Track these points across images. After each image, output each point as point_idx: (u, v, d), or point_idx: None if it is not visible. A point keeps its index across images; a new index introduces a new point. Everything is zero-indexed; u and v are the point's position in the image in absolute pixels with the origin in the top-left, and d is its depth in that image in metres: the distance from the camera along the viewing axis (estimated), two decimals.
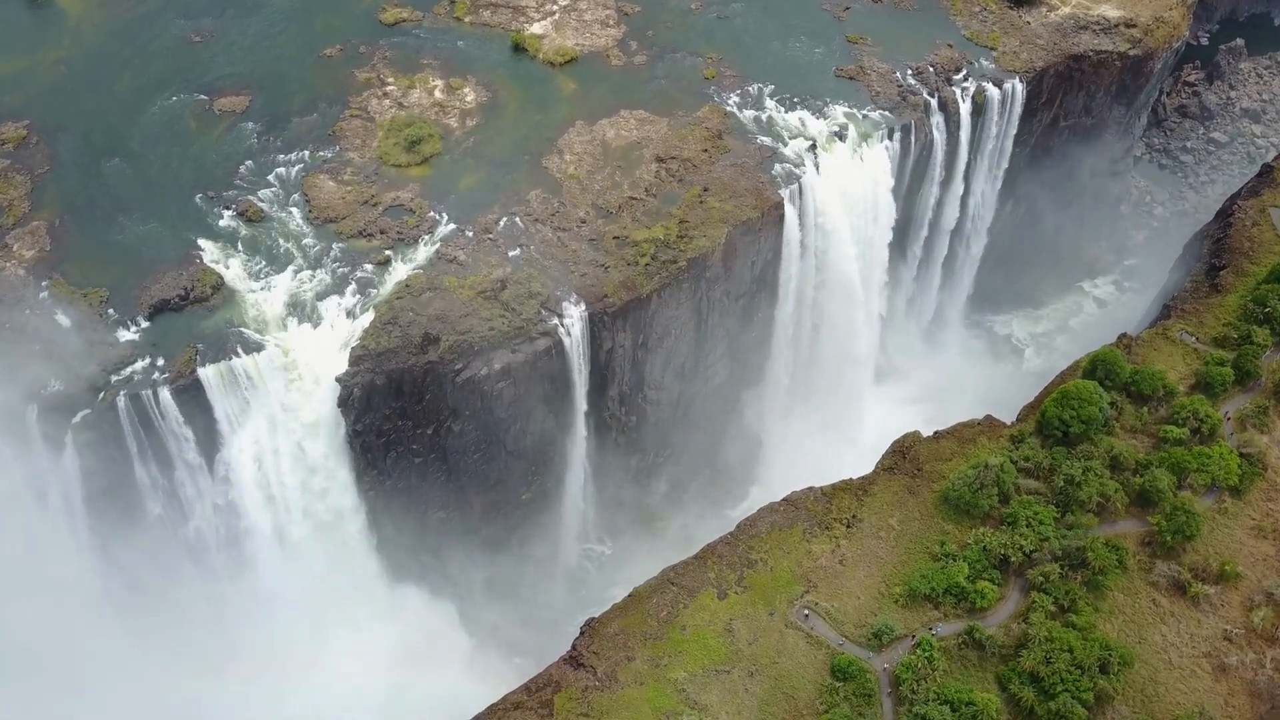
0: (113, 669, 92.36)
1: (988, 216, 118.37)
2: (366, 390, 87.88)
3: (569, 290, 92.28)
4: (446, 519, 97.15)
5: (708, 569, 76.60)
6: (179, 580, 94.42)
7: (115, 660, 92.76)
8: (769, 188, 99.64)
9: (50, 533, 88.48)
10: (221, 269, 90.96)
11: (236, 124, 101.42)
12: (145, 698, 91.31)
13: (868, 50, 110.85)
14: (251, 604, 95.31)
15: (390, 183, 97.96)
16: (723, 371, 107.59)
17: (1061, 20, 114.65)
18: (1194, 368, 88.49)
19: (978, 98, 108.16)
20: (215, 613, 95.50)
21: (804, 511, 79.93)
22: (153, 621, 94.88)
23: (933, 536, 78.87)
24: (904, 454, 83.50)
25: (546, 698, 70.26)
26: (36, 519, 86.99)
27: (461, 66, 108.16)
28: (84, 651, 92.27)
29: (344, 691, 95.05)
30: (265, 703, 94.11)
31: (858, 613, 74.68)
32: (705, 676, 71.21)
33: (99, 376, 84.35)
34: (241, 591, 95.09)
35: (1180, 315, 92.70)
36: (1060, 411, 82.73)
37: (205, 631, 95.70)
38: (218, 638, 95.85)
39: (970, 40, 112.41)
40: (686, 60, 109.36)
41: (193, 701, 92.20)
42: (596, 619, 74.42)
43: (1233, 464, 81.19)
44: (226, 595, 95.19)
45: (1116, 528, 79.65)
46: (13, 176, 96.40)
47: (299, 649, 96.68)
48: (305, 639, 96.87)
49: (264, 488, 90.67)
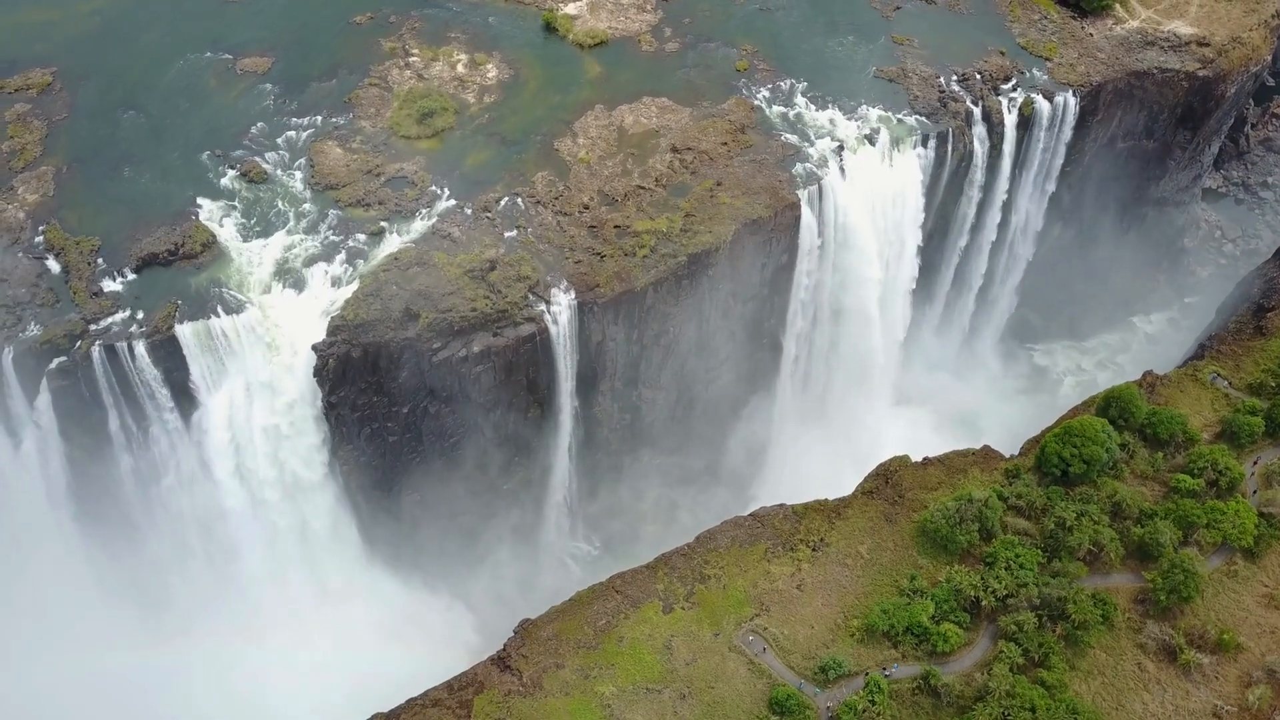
0: (82, 625, 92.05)
1: (1031, 237, 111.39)
2: (342, 361, 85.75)
3: (560, 276, 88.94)
4: (422, 501, 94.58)
5: (657, 579, 72.44)
6: (151, 538, 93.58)
7: (85, 616, 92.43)
8: (786, 187, 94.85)
9: (24, 479, 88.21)
10: (215, 227, 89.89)
11: (256, 85, 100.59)
12: (112, 663, 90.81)
13: (913, 52, 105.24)
14: (220, 568, 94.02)
15: (397, 154, 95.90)
16: (727, 376, 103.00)
17: (1128, 34, 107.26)
18: (1221, 414, 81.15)
19: (1025, 109, 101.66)
20: (185, 574, 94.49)
21: (770, 529, 75.11)
22: (123, 578, 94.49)
23: (904, 569, 73.35)
24: (886, 478, 78.10)
25: (467, 698, 67.00)
26: (10, 462, 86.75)
27: (488, 42, 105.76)
28: (54, 600, 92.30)
29: (309, 662, 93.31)
30: (227, 670, 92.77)
31: (808, 643, 69.61)
32: (634, 694, 67.04)
33: (78, 325, 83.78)
34: (211, 555, 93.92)
35: (1215, 356, 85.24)
36: (1060, 448, 76.33)
37: (174, 592, 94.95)
38: (186, 600, 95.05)
39: (1025, 49, 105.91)
40: (720, 51, 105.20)
41: (152, 666, 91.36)
42: (532, 620, 70.81)
43: (1249, 523, 73.90)
44: (196, 557, 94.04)
45: (1109, 580, 73.11)
46: (30, 121, 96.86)
47: (266, 618, 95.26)
48: (273, 609, 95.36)
49: (236, 453, 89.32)
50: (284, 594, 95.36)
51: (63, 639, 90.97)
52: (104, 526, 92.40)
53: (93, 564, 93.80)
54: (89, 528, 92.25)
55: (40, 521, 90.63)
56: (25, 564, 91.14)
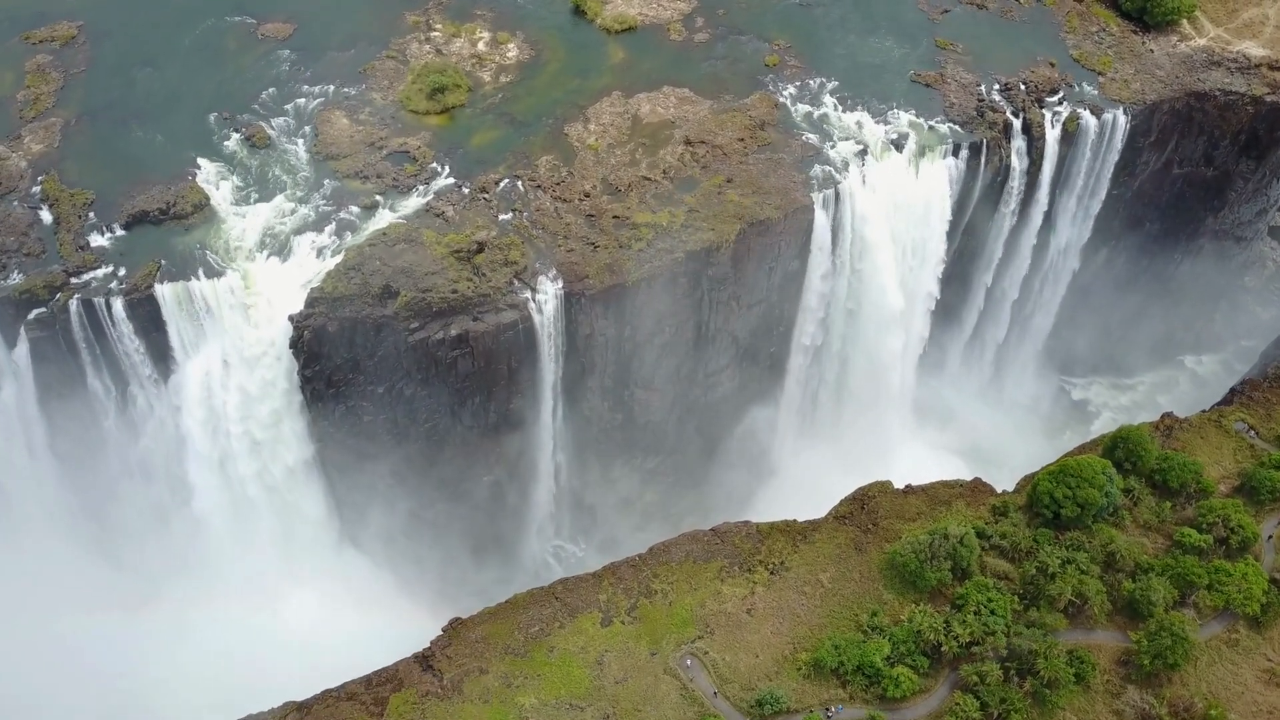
0: (52, 583, 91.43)
1: (1072, 262, 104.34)
2: (318, 334, 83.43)
3: (549, 264, 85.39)
4: (397, 485, 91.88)
5: (601, 589, 68.25)
6: (125, 498, 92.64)
7: (56, 574, 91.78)
8: (801, 189, 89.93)
9: (3, 426, 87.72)
10: (211, 189, 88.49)
11: (274, 50, 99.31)
12: (76, 624, 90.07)
13: (955, 57, 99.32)
14: (191, 535, 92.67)
15: (403, 128, 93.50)
16: (729, 383, 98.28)
17: (1192, 52, 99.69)
18: (1243, 466, 73.88)
19: (1069, 125, 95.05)
20: (156, 538, 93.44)
21: (729, 547, 70.37)
22: (96, 537, 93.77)
23: (866, 603, 67.96)
24: (863, 503, 72.69)
25: (384, 694, 63.77)
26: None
27: (514, 21, 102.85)
28: (29, 553, 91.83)
29: (270, 637, 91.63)
30: (188, 638, 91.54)
31: (750, 673, 64.73)
32: (556, 709, 62.94)
33: (59, 277, 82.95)
34: (183, 521, 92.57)
35: (1245, 403, 77.95)
36: (1053, 487, 70.02)
37: (143, 555, 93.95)
38: (155, 564, 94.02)
39: (1077, 61, 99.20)
40: (751, 44, 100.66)
41: (114, 630, 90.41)
42: (463, 620, 67.19)
43: (1257, 589, 66.87)
44: (168, 521, 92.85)
45: (1091, 637, 66.75)
46: (49, 73, 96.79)
47: (233, 589, 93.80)
48: (240, 580, 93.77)
49: (211, 419, 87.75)
50: (251, 566, 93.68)
51: (33, 596, 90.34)
52: (81, 482, 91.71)
53: (70, 519, 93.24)
54: (67, 482, 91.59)
55: (20, 471, 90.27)
56: (8, 509, 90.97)
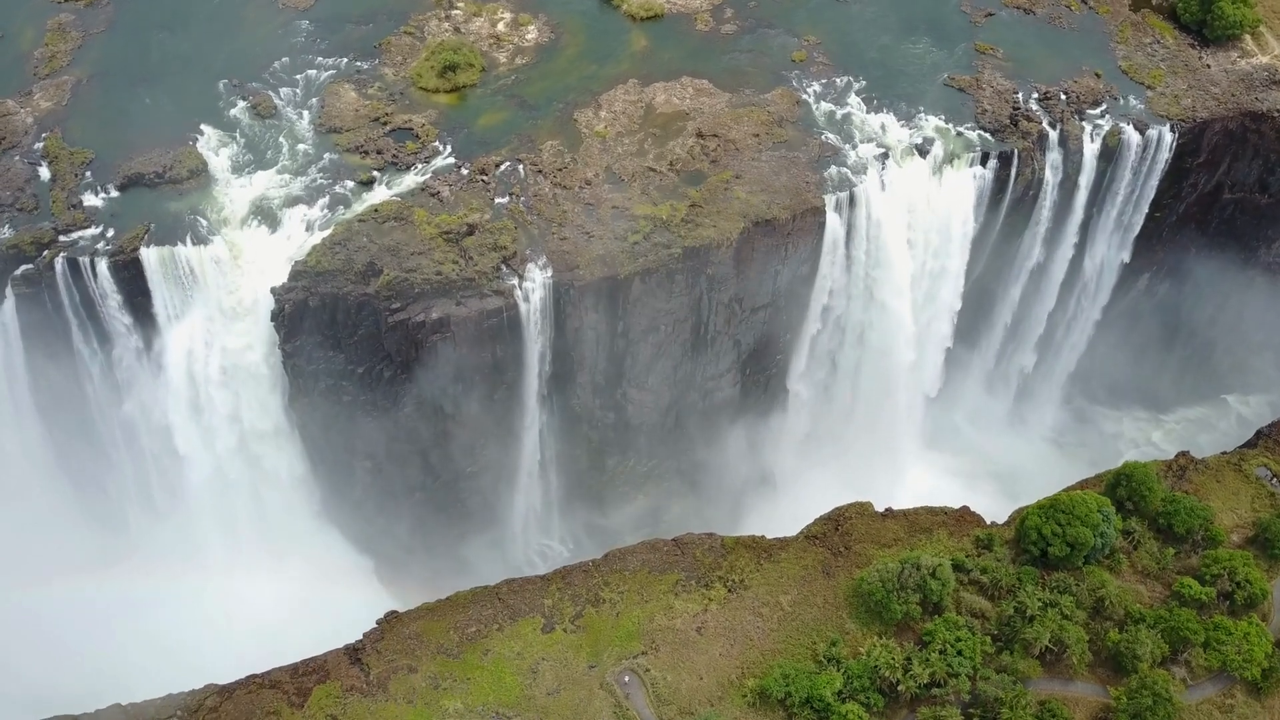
0: (35, 543, 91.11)
1: (1109, 286, 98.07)
2: (299, 309, 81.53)
3: (540, 252, 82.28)
4: (376, 470, 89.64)
5: (548, 594, 64.88)
6: (109, 461, 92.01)
7: (38, 534, 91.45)
8: (813, 190, 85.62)
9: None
10: (210, 155, 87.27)
11: (292, 20, 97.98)
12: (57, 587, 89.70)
13: (994, 62, 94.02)
14: (170, 502, 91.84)
15: (411, 105, 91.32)
16: (728, 389, 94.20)
17: (1253, 69, 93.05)
18: (1259, 516, 67.69)
19: (1110, 140, 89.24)
20: (135, 503, 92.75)
21: (689, 558, 66.50)
22: (77, 498, 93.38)
23: (826, 631, 63.47)
24: (837, 524, 68.22)
25: (308, 685, 61.19)
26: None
27: (538, 4, 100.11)
28: (13, 511, 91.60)
29: (245, 610, 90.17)
30: (161, 605, 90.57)
31: (691, 696, 60.72)
32: (480, 716, 59.67)
33: (48, 234, 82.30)
34: (162, 487, 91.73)
35: (1269, 446, 71.69)
36: (1042, 523, 64.72)
37: (122, 521, 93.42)
38: (132, 530, 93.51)
39: (1125, 73, 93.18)
40: (779, 38, 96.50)
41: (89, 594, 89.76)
42: (398, 614, 64.31)
43: (1259, 651, 60.97)
44: (148, 487, 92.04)
45: (1069, 689, 61.45)
46: (69, 32, 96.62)
47: (210, 559, 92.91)
48: (217, 550, 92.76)
49: (193, 388, 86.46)
50: (229, 538, 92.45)
51: (18, 555, 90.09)
52: (67, 442, 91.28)
53: (52, 479, 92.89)
54: (52, 441, 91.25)
55: (7, 425, 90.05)
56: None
